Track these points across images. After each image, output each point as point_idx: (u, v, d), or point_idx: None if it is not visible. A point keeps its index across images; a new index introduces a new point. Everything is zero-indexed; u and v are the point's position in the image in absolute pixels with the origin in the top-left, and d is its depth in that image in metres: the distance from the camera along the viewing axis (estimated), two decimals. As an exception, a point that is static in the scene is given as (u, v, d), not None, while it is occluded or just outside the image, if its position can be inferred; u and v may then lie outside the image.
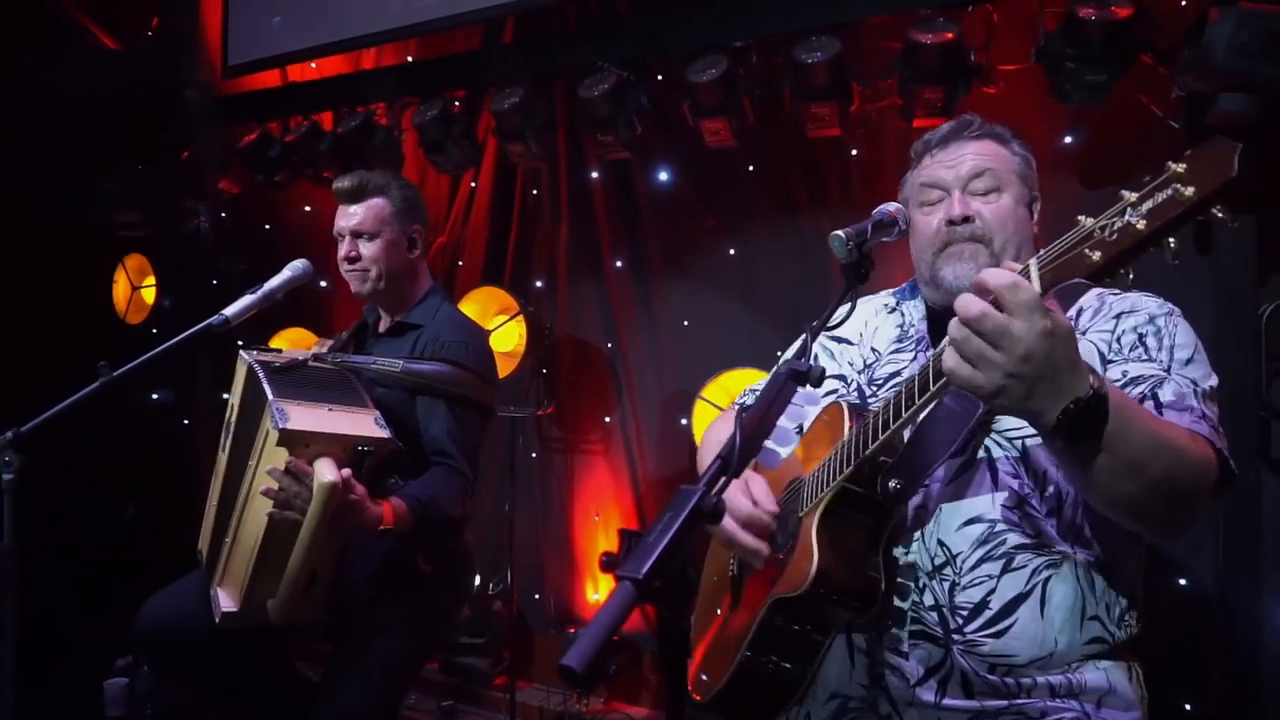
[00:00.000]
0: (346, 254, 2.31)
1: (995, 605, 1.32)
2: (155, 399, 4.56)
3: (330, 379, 2.13)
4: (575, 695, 3.56)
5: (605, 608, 0.73)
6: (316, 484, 1.81)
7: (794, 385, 0.99)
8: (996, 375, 1.03)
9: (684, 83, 2.93)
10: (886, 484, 1.32)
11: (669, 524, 0.80)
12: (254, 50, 4.02)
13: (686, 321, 3.57)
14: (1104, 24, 2.32)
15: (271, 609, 1.98)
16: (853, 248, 1.24)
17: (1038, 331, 1.00)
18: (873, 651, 1.38)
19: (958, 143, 1.52)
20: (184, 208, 4.26)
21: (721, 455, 0.92)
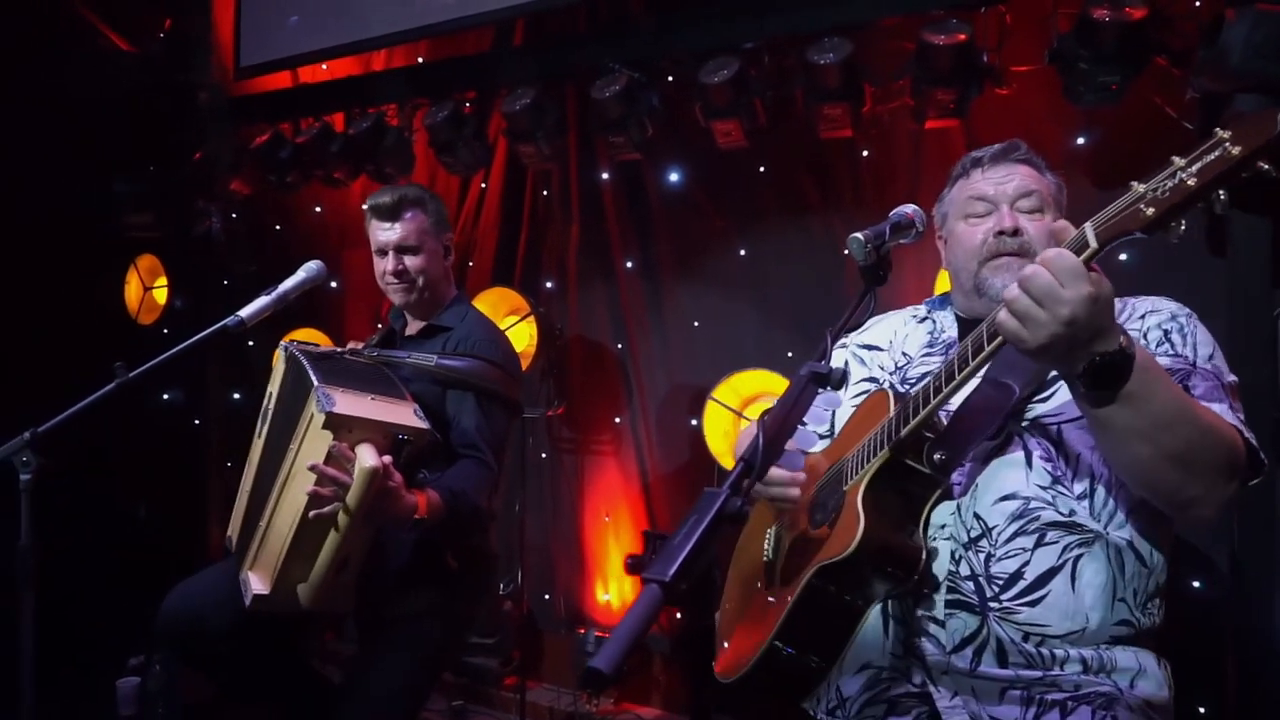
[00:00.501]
0: (394, 269, 2.36)
1: (1030, 576, 1.36)
2: (165, 399, 4.58)
3: (368, 372, 2.19)
4: (585, 696, 3.57)
5: (633, 611, 0.74)
6: (358, 468, 1.85)
7: (815, 387, 0.99)
8: (1042, 333, 1.13)
9: (695, 84, 2.93)
10: (932, 456, 1.37)
11: (694, 526, 0.81)
12: (266, 52, 4.04)
13: (697, 322, 3.57)
14: (1118, 25, 2.31)
15: (302, 593, 2.02)
16: (871, 250, 1.24)
17: (1083, 296, 1.10)
18: (908, 620, 1.41)
19: (1007, 163, 1.61)
20: (196, 209, 4.28)
21: (744, 457, 0.93)
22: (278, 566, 2.03)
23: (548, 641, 3.86)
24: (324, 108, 3.93)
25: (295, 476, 2.02)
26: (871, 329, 1.81)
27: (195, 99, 4.19)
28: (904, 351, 1.70)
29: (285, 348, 2.27)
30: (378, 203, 2.38)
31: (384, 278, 2.39)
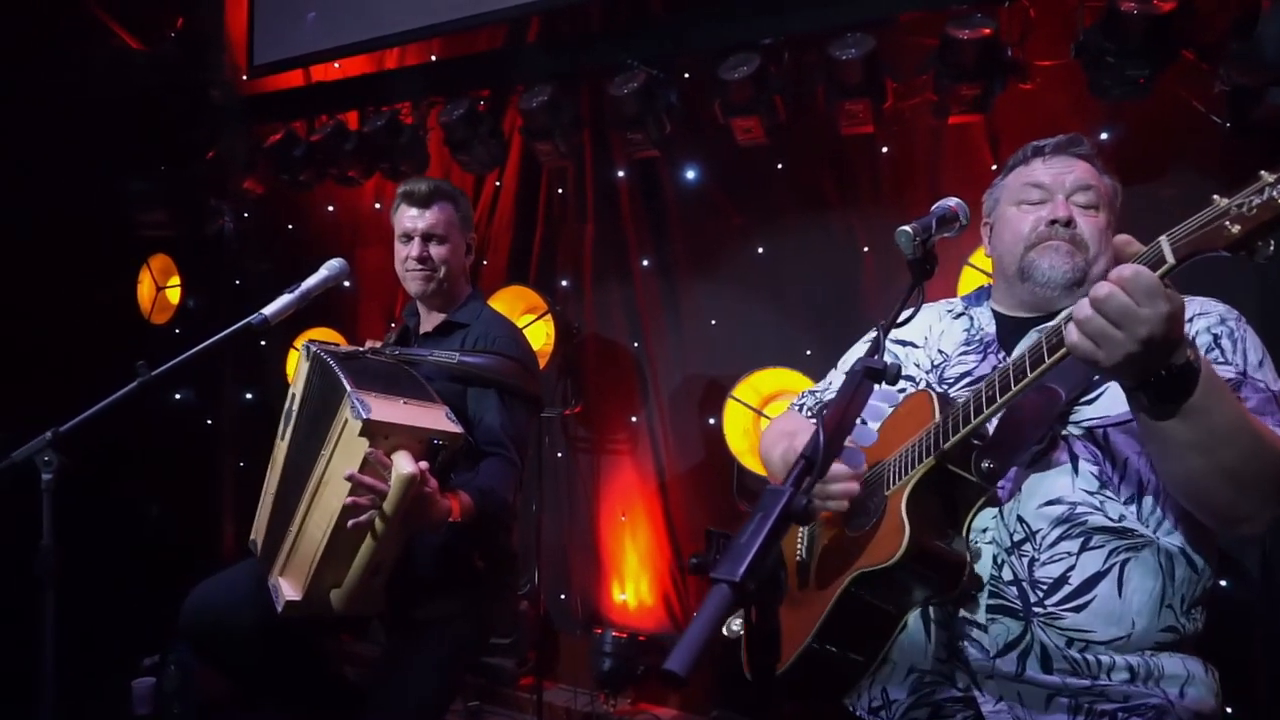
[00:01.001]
0: (419, 255, 2.35)
1: (1075, 580, 1.33)
2: (177, 399, 4.57)
3: (395, 373, 2.16)
4: (602, 696, 3.55)
5: (703, 611, 0.72)
6: (395, 475, 1.83)
7: (870, 383, 0.97)
8: (1118, 352, 1.10)
9: (715, 80, 2.91)
10: (980, 464, 1.35)
11: (760, 524, 0.79)
12: (279, 50, 4.03)
13: (714, 321, 3.55)
14: (1146, 18, 2.29)
15: (335, 598, 2.00)
16: (919, 243, 1.22)
17: (1161, 315, 1.08)
18: (949, 625, 1.39)
19: (1068, 156, 1.59)
20: (208, 208, 4.27)
21: (805, 454, 0.91)
22: (310, 572, 2.00)
23: (564, 642, 3.85)
24: (338, 106, 3.92)
25: (328, 483, 1.99)
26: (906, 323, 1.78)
27: (208, 98, 4.18)
28: (940, 349, 1.67)
29: (307, 348, 2.24)
30: (413, 188, 2.37)
31: (405, 263, 2.38)
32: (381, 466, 1.85)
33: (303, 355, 2.28)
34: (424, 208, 2.36)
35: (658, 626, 3.65)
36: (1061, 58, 2.62)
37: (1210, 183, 2.63)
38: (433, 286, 2.39)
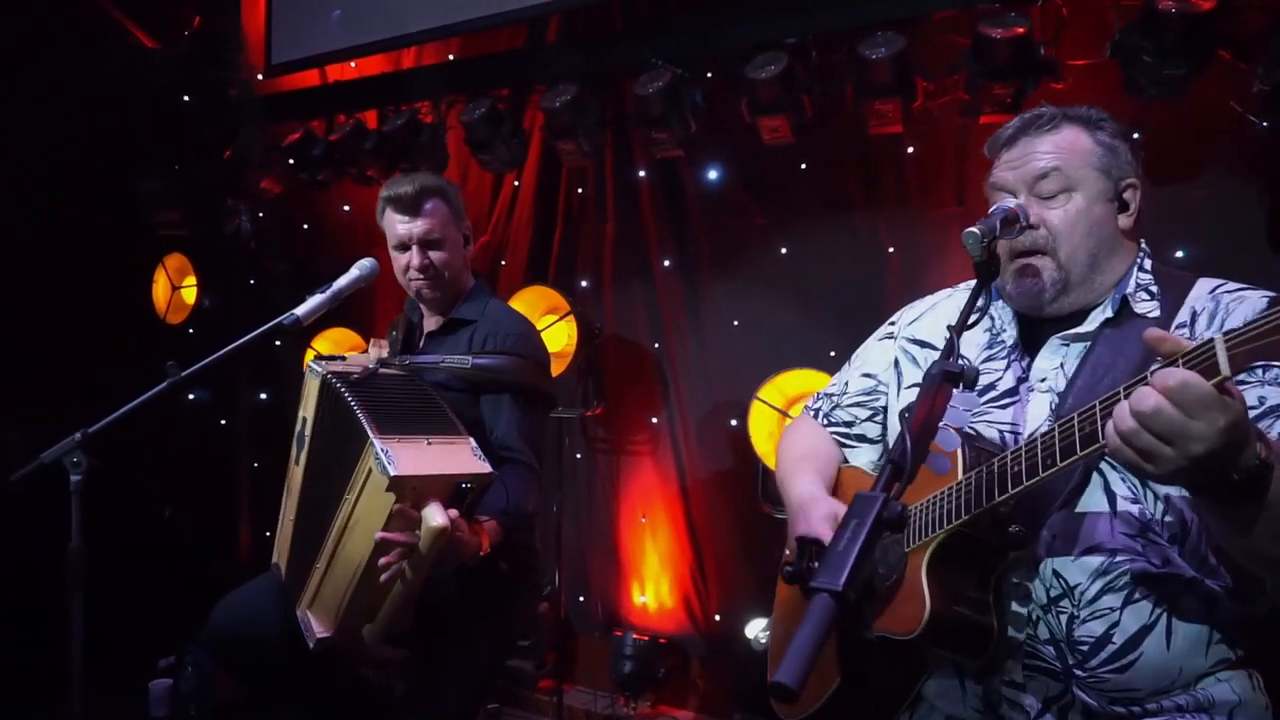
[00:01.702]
0: (420, 264, 2.26)
1: (1118, 640, 1.24)
2: (191, 399, 4.55)
3: (413, 398, 2.05)
4: (622, 699, 3.53)
5: (808, 623, 0.70)
6: (425, 528, 1.77)
7: (950, 386, 0.95)
8: (1168, 467, 0.99)
9: (741, 79, 2.89)
10: (1007, 528, 1.24)
11: (856, 532, 0.77)
12: (297, 49, 4.01)
13: (736, 322, 3.53)
14: (1185, 16, 2.26)
15: (367, 633, 1.98)
16: (986, 244, 1.19)
17: (1218, 429, 0.96)
18: (984, 680, 1.32)
19: (1025, 140, 1.42)
20: (225, 207, 4.26)
21: (892, 459, 0.89)
22: (340, 611, 1.98)
23: (583, 644, 3.83)
24: (356, 105, 3.91)
25: (354, 528, 1.94)
26: (922, 319, 1.66)
27: (224, 97, 4.17)
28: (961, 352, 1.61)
29: (315, 370, 2.12)
30: (398, 193, 2.25)
31: (406, 273, 2.29)
32: (410, 520, 1.79)
33: (310, 375, 2.16)
34: (415, 213, 2.25)
35: (678, 629, 3.63)
36: (1094, 57, 2.59)
37: (1242, 183, 2.62)
38: (439, 293, 2.32)
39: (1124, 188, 1.42)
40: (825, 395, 1.80)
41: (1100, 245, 1.38)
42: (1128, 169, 1.42)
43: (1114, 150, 1.41)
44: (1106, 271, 1.40)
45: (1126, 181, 1.42)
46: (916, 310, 1.70)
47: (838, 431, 1.75)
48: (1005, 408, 1.41)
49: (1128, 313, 1.37)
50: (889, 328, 1.73)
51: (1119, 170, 1.41)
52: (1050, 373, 1.39)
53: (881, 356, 1.70)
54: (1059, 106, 1.46)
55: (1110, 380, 1.30)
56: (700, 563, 3.60)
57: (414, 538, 1.80)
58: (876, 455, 1.71)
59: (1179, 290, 1.38)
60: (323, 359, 2.15)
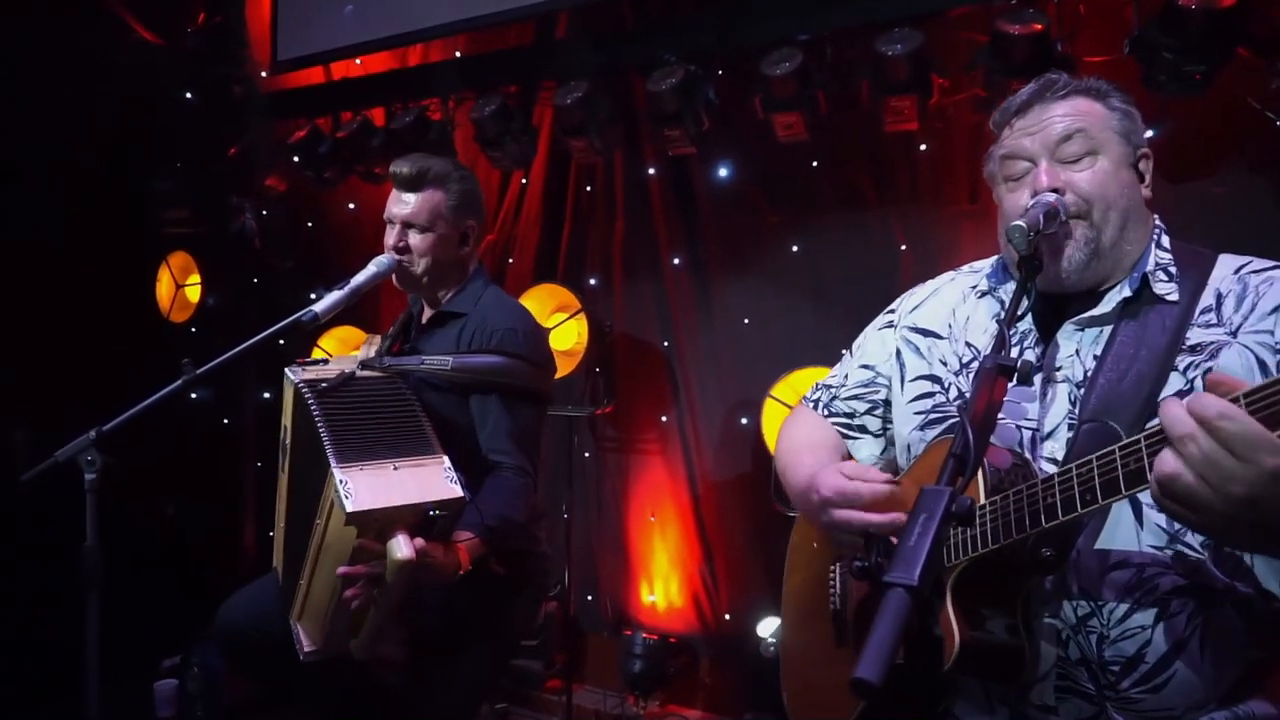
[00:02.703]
0: (395, 243, 2.21)
1: (1151, 659, 1.20)
2: (194, 398, 4.52)
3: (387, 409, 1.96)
4: (631, 698, 3.52)
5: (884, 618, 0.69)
6: (390, 561, 1.72)
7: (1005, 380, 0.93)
8: (1210, 517, 0.89)
9: (756, 75, 2.87)
10: (1038, 552, 1.18)
11: (926, 526, 0.75)
12: (303, 46, 3.98)
13: (747, 320, 3.52)
14: (1205, 12, 2.25)
15: (354, 647, 1.94)
16: (1033, 238, 1.17)
17: (1266, 472, 0.85)
18: (1013, 703, 1.28)
19: (1042, 105, 1.35)
20: (230, 205, 4.23)
21: (954, 453, 0.87)
22: (325, 626, 1.96)
23: (592, 643, 3.81)
24: (363, 102, 3.89)
25: (326, 552, 1.91)
26: (924, 305, 1.58)
27: (229, 94, 4.14)
28: (968, 342, 1.46)
29: (289, 379, 2.05)
30: (399, 170, 2.21)
31: (388, 249, 2.23)
32: (374, 553, 1.75)
33: (286, 382, 2.10)
34: (409, 191, 2.21)
35: (687, 628, 3.62)
36: (1111, 53, 2.58)
37: (1262, 180, 2.62)
38: (410, 278, 2.24)
39: (1140, 156, 1.37)
40: (824, 386, 1.74)
41: (1128, 211, 1.32)
42: (1141, 138, 1.37)
43: (1129, 115, 1.36)
44: (1132, 243, 1.33)
45: (1141, 150, 1.37)
46: (917, 297, 1.62)
47: (838, 422, 1.67)
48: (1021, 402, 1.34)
49: (1148, 294, 1.31)
50: (888, 316, 1.66)
51: (1135, 137, 1.36)
52: (1066, 361, 1.32)
53: (881, 348, 1.63)
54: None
55: (1135, 374, 1.25)
56: (710, 562, 3.59)
57: (380, 568, 1.75)
58: (879, 449, 1.64)
59: (1200, 270, 1.32)
60: (297, 364, 2.08)
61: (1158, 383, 1.23)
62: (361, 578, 1.77)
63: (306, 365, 2.09)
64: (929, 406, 1.48)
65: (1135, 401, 1.20)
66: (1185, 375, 1.23)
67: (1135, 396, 1.21)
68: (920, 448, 1.45)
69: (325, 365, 2.11)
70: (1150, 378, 1.23)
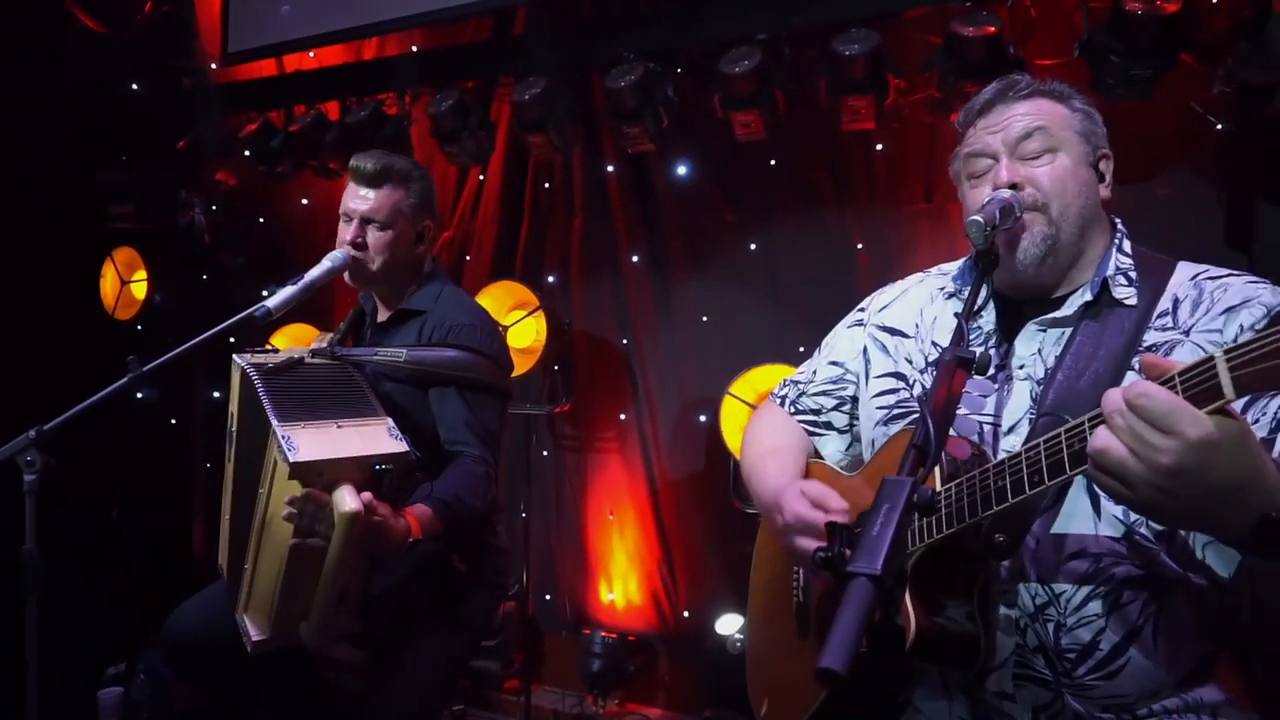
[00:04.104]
0: (352, 238, 2.18)
1: (1105, 646, 1.23)
2: (140, 397, 4.40)
3: (332, 382, 1.98)
4: (591, 697, 3.51)
5: (848, 608, 0.69)
6: (337, 514, 1.69)
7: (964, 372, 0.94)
8: (1143, 492, 0.91)
9: (715, 74, 2.88)
10: (991, 537, 1.21)
11: (889, 515, 0.76)
12: (256, 37, 3.90)
13: (706, 318, 3.53)
14: (1151, 18, 2.31)
15: (304, 631, 1.89)
16: (989, 233, 1.18)
17: (1190, 443, 0.87)
18: (971, 690, 1.30)
19: (1004, 104, 1.39)
20: (178, 199, 4.12)
21: (915, 443, 0.87)
22: (273, 610, 1.90)
23: (550, 643, 3.80)
24: (317, 96, 3.81)
25: (271, 522, 1.87)
26: (893, 305, 1.61)
27: (178, 85, 4.04)
28: (934, 341, 1.49)
29: (236, 363, 2.04)
30: (360, 164, 2.18)
31: (341, 246, 2.19)
32: (319, 505, 1.72)
33: (233, 368, 2.07)
34: (369, 187, 2.18)
35: (647, 626, 3.62)
36: (1061, 57, 2.64)
37: (1204, 182, 2.70)
38: (365, 275, 2.21)
39: (1099, 157, 1.40)
40: (792, 382, 1.75)
41: (1087, 209, 1.35)
42: (1101, 139, 1.40)
43: (1090, 117, 1.40)
44: (1092, 243, 1.37)
45: (1101, 151, 1.40)
46: (887, 297, 1.64)
47: (804, 419, 1.69)
48: (984, 397, 1.37)
49: (1107, 298, 1.33)
50: (858, 314, 1.68)
51: (1095, 138, 1.39)
52: (1029, 359, 1.35)
53: (850, 345, 1.65)
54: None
55: (1092, 372, 1.28)
56: (669, 559, 3.59)
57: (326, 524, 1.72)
58: (844, 445, 1.66)
59: (1159, 276, 1.35)
60: (245, 351, 2.07)
61: (1114, 381, 1.25)
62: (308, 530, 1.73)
63: (255, 353, 2.07)
64: (893, 402, 1.50)
65: (1091, 398, 1.21)
66: (1141, 375, 1.24)
67: (1091, 393, 1.23)
68: (884, 442, 1.47)
69: (275, 352, 2.10)
70: (1107, 376, 1.26)
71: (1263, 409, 1.18)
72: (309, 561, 1.79)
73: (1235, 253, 2.60)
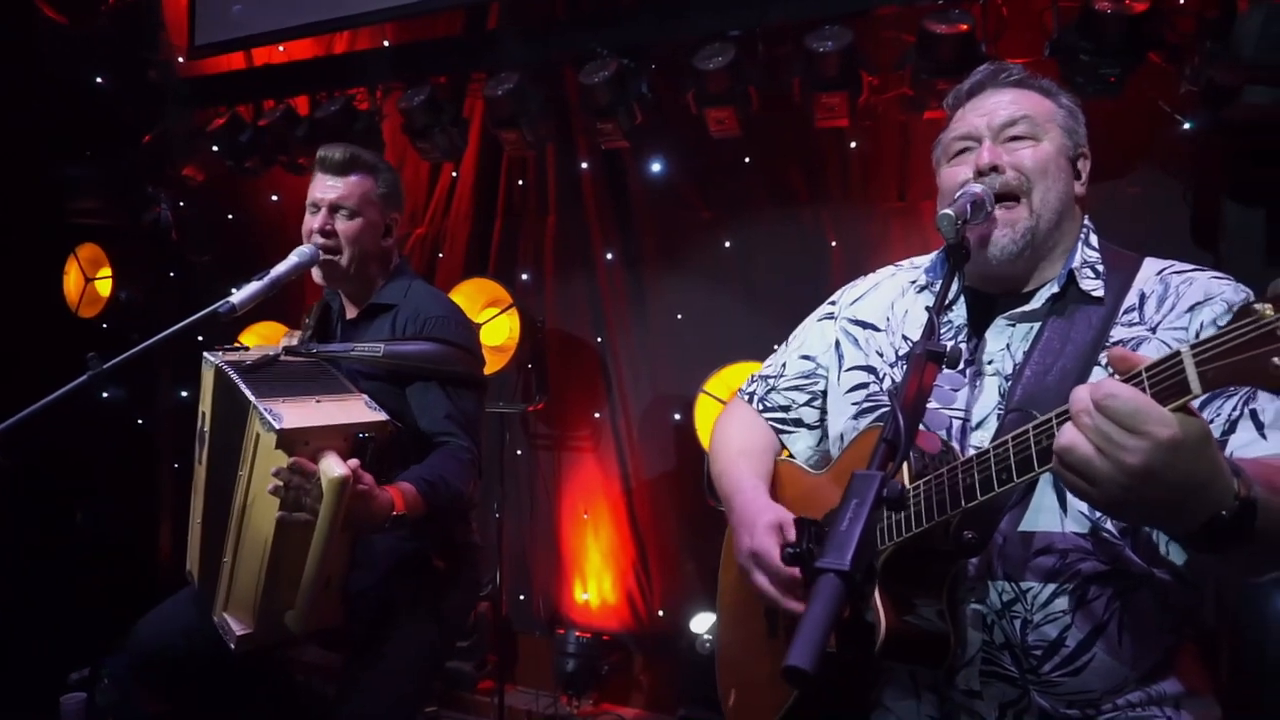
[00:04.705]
0: (321, 227, 2.13)
1: (1071, 643, 1.23)
2: (105, 397, 4.32)
3: (307, 371, 1.99)
4: (565, 698, 3.49)
5: (816, 604, 0.67)
6: (325, 480, 1.67)
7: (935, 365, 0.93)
8: (1109, 490, 0.91)
9: (688, 70, 2.87)
10: (960, 535, 1.20)
11: (858, 511, 0.74)
12: (222, 31, 3.83)
13: (680, 315, 3.52)
14: (1120, 18, 2.33)
15: (290, 621, 1.85)
16: (960, 226, 1.18)
17: (1160, 443, 0.87)
18: (939, 688, 1.30)
19: (993, 89, 1.40)
20: (144, 195, 4.04)
21: (885, 437, 0.86)
22: (257, 602, 1.87)
23: (524, 644, 3.77)
24: (287, 90, 3.76)
25: (254, 504, 1.85)
26: (864, 298, 1.60)
27: (144, 78, 3.96)
28: (904, 335, 1.49)
29: (209, 361, 2.02)
30: (328, 154, 2.16)
31: (309, 236, 2.15)
32: (307, 473, 1.70)
33: (205, 366, 2.05)
34: (338, 175, 2.15)
35: (621, 626, 3.60)
36: (1032, 55, 2.65)
37: (1171, 180, 2.72)
38: (337, 271, 2.16)
39: (1079, 154, 1.41)
40: (761, 378, 1.72)
41: (1064, 199, 1.35)
42: (1082, 138, 1.42)
43: (1074, 114, 1.41)
44: (1064, 236, 1.37)
45: (1081, 149, 1.41)
46: (858, 290, 1.63)
47: (773, 417, 1.67)
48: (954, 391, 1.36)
49: (1074, 291, 1.34)
50: (829, 307, 1.67)
51: (1077, 135, 1.40)
52: (998, 354, 1.35)
53: (821, 338, 1.63)
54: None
55: (1060, 368, 1.28)
56: (643, 558, 3.57)
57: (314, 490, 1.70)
58: (815, 441, 1.65)
59: (1126, 270, 1.36)
60: (216, 349, 2.05)
61: (1081, 377, 1.26)
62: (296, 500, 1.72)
63: (226, 351, 2.05)
64: (863, 397, 1.50)
65: (1058, 394, 1.22)
66: (1108, 371, 1.24)
67: (1059, 389, 1.23)
68: (854, 437, 1.46)
69: (247, 351, 2.07)
70: (1074, 372, 1.26)
71: (1218, 409, 1.20)
72: (295, 540, 1.77)
73: (1202, 251, 2.62)
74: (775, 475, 1.59)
